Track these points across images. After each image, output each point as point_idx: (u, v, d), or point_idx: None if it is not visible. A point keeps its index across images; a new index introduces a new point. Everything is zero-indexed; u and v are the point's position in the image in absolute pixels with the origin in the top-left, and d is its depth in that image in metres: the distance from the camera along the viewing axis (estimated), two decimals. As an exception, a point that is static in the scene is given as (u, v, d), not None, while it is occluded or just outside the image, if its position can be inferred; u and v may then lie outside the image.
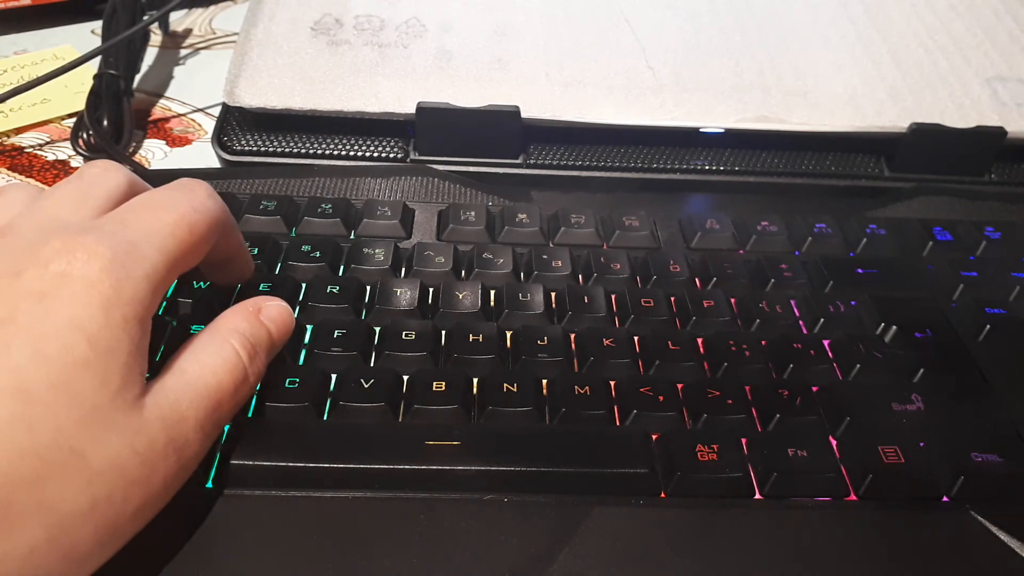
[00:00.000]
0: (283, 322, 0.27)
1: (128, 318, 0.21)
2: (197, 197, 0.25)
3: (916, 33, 0.47)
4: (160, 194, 0.25)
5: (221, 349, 0.24)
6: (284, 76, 0.41)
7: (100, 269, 0.21)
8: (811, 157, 0.43)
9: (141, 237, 0.23)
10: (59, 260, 0.21)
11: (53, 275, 0.21)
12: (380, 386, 0.28)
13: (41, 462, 0.19)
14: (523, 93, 0.41)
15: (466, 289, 0.32)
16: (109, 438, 0.20)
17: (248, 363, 0.25)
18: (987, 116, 0.42)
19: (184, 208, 0.24)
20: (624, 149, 0.42)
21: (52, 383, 0.19)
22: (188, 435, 0.22)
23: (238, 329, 0.25)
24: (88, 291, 0.21)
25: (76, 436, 0.19)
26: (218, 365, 0.24)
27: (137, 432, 0.21)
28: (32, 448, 0.19)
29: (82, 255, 0.21)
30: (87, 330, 0.20)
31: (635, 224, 0.36)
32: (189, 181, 0.26)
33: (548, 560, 0.24)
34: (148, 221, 0.23)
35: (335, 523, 0.25)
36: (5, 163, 0.43)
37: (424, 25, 0.45)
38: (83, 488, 0.19)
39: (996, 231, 0.38)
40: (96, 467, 0.20)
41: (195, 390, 0.23)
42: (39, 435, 0.19)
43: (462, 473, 0.26)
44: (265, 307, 0.27)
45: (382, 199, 0.37)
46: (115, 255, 0.21)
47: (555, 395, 0.28)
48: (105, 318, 0.21)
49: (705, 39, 0.46)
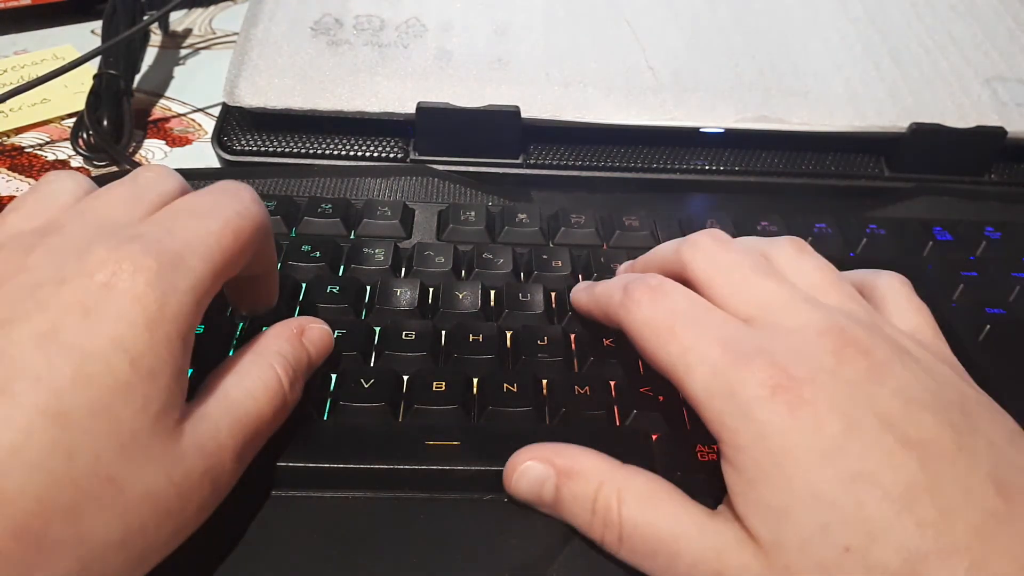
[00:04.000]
0: (324, 346, 0.27)
1: (172, 336, 0.21)
2: (243, 201, 0.24)
3: (916, 33, 0.47)
4: (205, 198, 0.24)
5: (264, 373, 0.24)
6: (284, 76, 0.41)
7: (145, 283, 0.20)
8: (811, 157, 0.43)
9: (186, 247, 0.22)
10: (104, 270, 0.20)
11: (98, 286, 0.20)
12: (380, 386, 0.28)
13: (79, 492, 0.18)
14: (523, 93, 0.41)
15: (466, 289, 0.32)
16: (146, 467, 0.20)
17: (288, 389, 0.24)
18: (987, 116, 0.42)
19: (229, 213, 0.23)
20: (624, 149, 0.42)
21: (93, 408, 0.19)
22: (225, 464, 0.22)
23: (282, 352, 0.25)
24: (133, 306, 0.20)
25: (114, 465, 0.19)
26: (260, 391, 0.23)
27: (175, 461, 0.20)
28: (70, 477, 0.18)
29: (128, 267, 0.20)
30: (131, 350, 0.20)
31: (635, 224, 0.36)
32: (232, 184, 0.25)
33: (548, 560, 0.24)
34: (193, 229, 0.23)
35: (335, 523, 0.25)
36: (5, 163, 0.43)
37: (424, 25, 0.45)
38: (118, 519, 0.19)
39: (996, 231, 0.38)
40: (132, 498, 0.19)
41: (235, 417, 0.22)
42: (78, 463, 0.18)
43: (462, 473, 0.26)
44: (308, 329, 0.26)
45: (382, 199, 0.37)
46: (161, 267, 0.21)
47: (555, 395, 0.28)
48: (149, 336, 0.20)
49: (705, 39, 0.46)
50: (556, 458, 0.24)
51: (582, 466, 0.24)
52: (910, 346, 0.23)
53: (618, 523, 0.23)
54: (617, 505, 0.23)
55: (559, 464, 0.24)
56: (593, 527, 0.23)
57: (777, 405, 0.21)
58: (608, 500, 0.23)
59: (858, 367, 0.21)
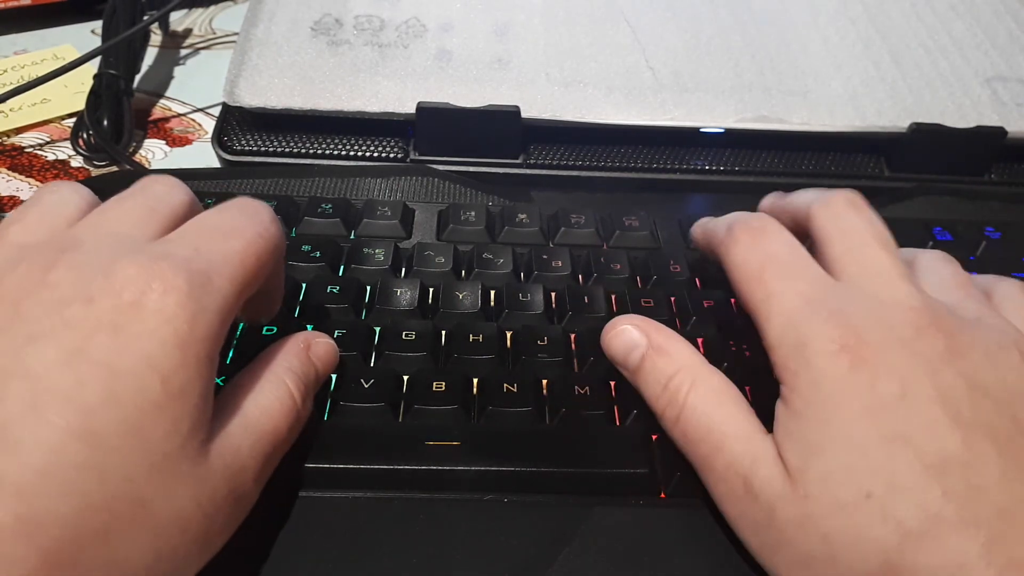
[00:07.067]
0: (330, 361, 0.27)
1: (201, 357, 0.20)
2: (262, 222, 0.24)
3: (916, 33, 0.47)
4: (227, 217, 0.24)
5: (277, 390, 0.24)
6: (284, 76, 0.41)
7: (176, 303, 0.20)
8: (811, 157, 0.43)
9: (213, 267, 0.22)
10: (133, 288, 0.20)
11: (127, 305, 0.20)
12: (380, 386, 0.28)
13: (110, 514, 0.18)
14: (523, 93, 0.41)
15: (466, 289, 0.32)
16: (176, 489, 0.19)
17: (301, 404, 0.24)
18: (987, 116, 0.42)
19: (251, 234, 0.23)
20: (624, 149, 0.42)
21: (124, 428, 0.19)
22: (247, 484, 0.22)
23: (292, 368, 0.24)
24: (164, 326, 0.20)
25: (144, 487, 0.19)
26: (275, 409, 0.23)
27: (201, 483, 0.20)
28: (102, 500, 0.18)
29: (158, 286, 0.20)
30: (162, 370, 0.19)
31: (635, 224, 0.36)
32: (252, 202, 0.25)
33: (548, 560, 0.24)
34: (220, 249, 0.22)
35: (335, 523, 0.25)
36: (5, 163, 0.43)
37: (424, 25, 0.45)
38: (148, 543, 0.19)
39: (996, 231, 0.38)
40: (161, 521, 0.19)
41: (255, 436, 0.22)
42: (109, 486, 0.18)
43: (462, 473, 0.26)
44: (314, 344, 0.26)
45: (382, 199, 0.37)
46: (191, 288, 0.20)
47: (555, 395, 0.28)
48: (180, 357, 0.20)
49: (705, 39, 0.46)
50: (653, 333, 0.26)
51: (671, 348, 0.25)
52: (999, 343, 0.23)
53: (681, 404, 0.24)
54: (687, 390, 0.24)
55: (654, 339, 0.26)
56: (659, 400, 0.25)
57: (839, 360, 0.22)
58: (681, 383, 0.24)
59: (935, 344, 0.22)
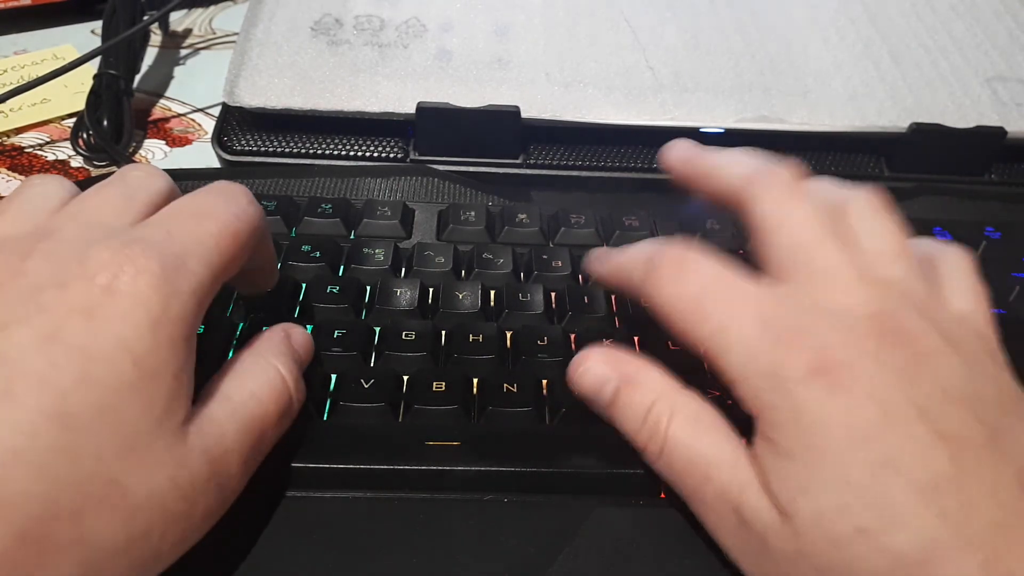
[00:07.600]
0: (309, 348, 0.27)
1: (175, 338, 0.20)
2: (239, 203, 0.24)
3: (916, 33, 0.47)
4: (201, 200, 0.24)
5: (266, 372, 0.24)
6: (284, 76, 0.41)
7: (148, 285, 0.20)
8: (811, 157, 0.43)
9: (187, 250, 0.22)
10: (105, 273, 0.20)
11: (100, 289, 0.20)
12: (380, 386, 0.28)
13: (82, 494, 0.18)
14: (523, 93, 0.41)
15: (466, 289, 0.32)
16: (151, 470, 0.19)
17: (293, 387, 0.24)
18: (987, 116, 0.42)
19: (227, 216, 0.23)
20: (624, 149, 0.42)
21: (97, 409, 0.19)
22: (232, 469, 0.22)
23: (281, 351, 0.25)
24: (137, 309, 0.20)
25: (117, 467, 0.19)
26: (264, 392, 0.23)
27: (180, 465, 0.20)
28: (74, 479, 0.18)
29: (130, 269, 0.20)
30: (134, 351, 0.20)
31: (635, 224, 0.36)
32: (228, 185, 0.25)
33: (548, 560, 0.24)
34: (193, 231, 0.22)
35: (335, 524, 0.25)
36: (5, 163, 0.43)
37: (424, 25, 0.45)
38: (121, 523, 0.19)
39: (996, 231, 0.38)
40: (136, 501, 0.19)
41: (241, 420, 0.22)
42: (81, 465, 0.18)
43: (462, 473, 0.26)
44: (292, 333, 0.26)
45: (382, 199, 0.37)
46: (164, 270, 0.21)
47: (555, 395, 0.28)
48: (153, 338, 0.20)
49: (705, 39, 0.46)
50: (622, 365, 0.25)
51: (643, 378, 0.25)
52: (958, 335, 0.23)
53: (663, 438, 0.23)
54: (667, 421, 0.23)
55: (624, 371, 0.25)
56: (639, 435, 0.24)
57: (816, 386, 0.21)
58: (660, 415, 0.24)
59: (900, 355, 0.22)
